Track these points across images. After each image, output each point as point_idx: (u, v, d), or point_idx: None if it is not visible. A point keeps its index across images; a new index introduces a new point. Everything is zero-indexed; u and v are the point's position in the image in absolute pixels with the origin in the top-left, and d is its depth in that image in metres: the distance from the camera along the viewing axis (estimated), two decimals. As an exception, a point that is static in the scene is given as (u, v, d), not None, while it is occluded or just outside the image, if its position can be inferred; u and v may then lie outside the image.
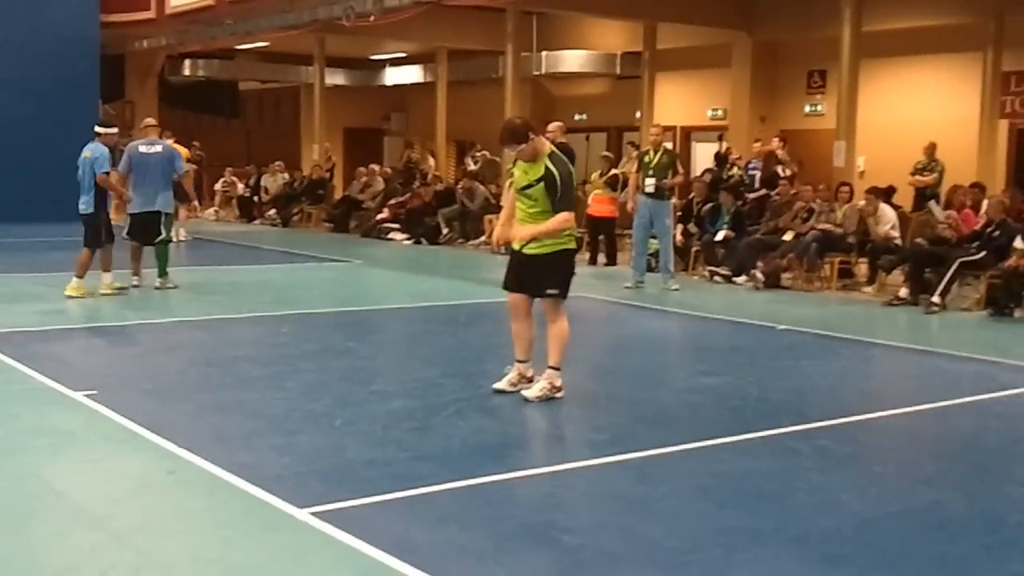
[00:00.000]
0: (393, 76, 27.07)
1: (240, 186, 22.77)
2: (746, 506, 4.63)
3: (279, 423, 5.82)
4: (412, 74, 26.26)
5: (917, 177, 14.44)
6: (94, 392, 6.32)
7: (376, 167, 20.97)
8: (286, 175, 22.03)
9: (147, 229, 10.89)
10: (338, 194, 21.53)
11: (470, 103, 24.13)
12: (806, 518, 4.52)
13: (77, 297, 10.15)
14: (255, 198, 22.01)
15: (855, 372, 8.15)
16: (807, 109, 19.22)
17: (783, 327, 9.54)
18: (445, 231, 17.46)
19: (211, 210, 22.74)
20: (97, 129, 10.49)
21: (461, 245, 17.14)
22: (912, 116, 17.21)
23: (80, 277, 10.25)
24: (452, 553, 4.02)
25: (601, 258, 14.49)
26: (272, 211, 21.24)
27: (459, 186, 18.28)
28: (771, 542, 4.22)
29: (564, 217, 6.25)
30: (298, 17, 18.48)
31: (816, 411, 6.42)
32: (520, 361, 6.57)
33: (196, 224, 19.31)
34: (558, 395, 6.37)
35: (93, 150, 10.22)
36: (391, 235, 17.98)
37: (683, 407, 6.64)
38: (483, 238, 16.70)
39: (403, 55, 25.87)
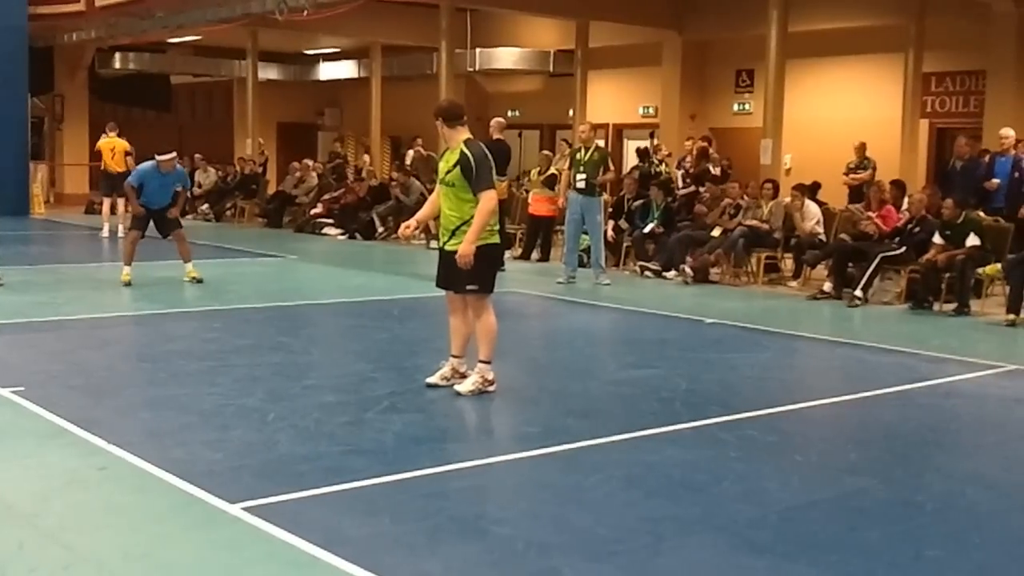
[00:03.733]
0: (327, 71, 26.88)
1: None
2: (673, 495, 4.74)
3: (211, 418, 5.80)
4: (346, 69, 26.09)
5: (852, 176, 14.78)
6: (21, 388, 6.22)
7: (310, 162, 20.84)
8: (211, 170, 21.77)
9: None
10: (271, 189, 21.34)
11: (404, 99, 24.07)
12: (731, 507, 4.63)
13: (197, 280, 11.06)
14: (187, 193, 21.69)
15: (780, 364, 8.35)
16: (735, 108, 19.54)
17: (711, 320, 9.74)
18: (380, 229, 17.43)
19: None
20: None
21: (396, 240, 17.11)
22: (837, 115, 17.61)
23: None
24: (384, 545, 4.06)
25: (535, 254, 14.60)
26: (204, 206, 20.97)
27: (393, 181, 18.25)
28: (697, 530, 4.33)
29: (487, 197, 6.26)
30: (230, 11, 18.24)
31: (742, 402, 6.56)
32: (454, 356, 6.61)
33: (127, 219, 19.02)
34: (490, 388, 6.43)
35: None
36: (325, 230, 17.91)
37: (613, 399, 6.75)
38: (418, 232, 16.67)
39: (337, 50, 25.70)
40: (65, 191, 24.16)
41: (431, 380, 6.58)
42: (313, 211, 18.52)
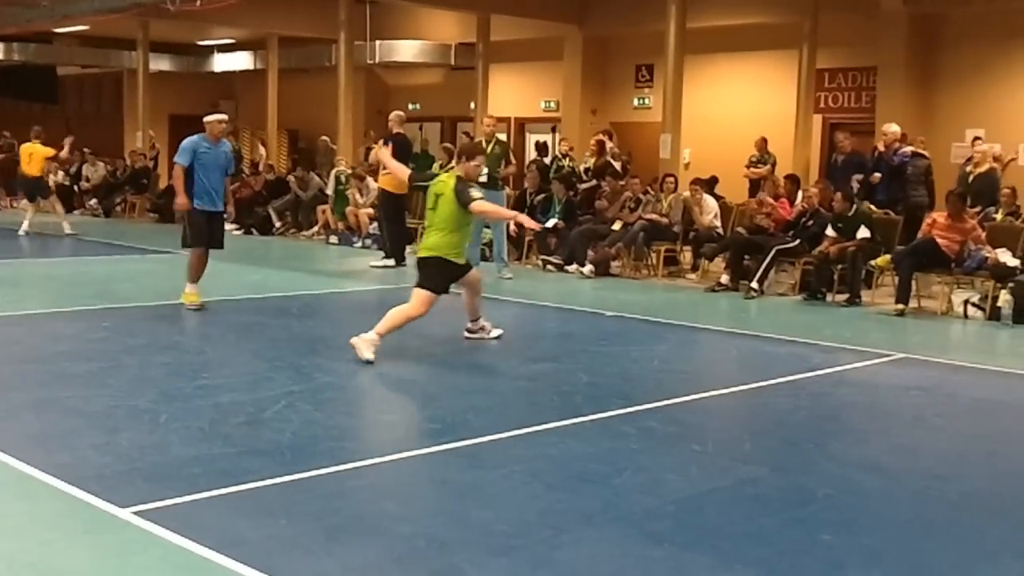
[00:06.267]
0: (222, 62, 26.31)
1: (60, 174, 21.72)
2: (574, 488, 4.76)
3: (100, 421, 5.61)
4: (242, 61, 25.59)
5: (752, 170, 15.11)
6: None
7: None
8: (100, 164, 21.15)
9: None
10: (163, 183, 20.77)
11: (303, 91, 23.73)
12: (631, 498, 4.66)
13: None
14: (75, 187, 21.05)
15: (679, 355, 8.47)
16: (635, 102, 19.74)
17: (611, 313, 9.82)
18: (278, 224, 17.15)
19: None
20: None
21: (294, 236, 16.87)
22: (734, 110, 17.94)
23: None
24: (281, 547, 3.97)
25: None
26: (93, 201, 20.36)
27: (291, 175, 17.98)
28: (597, 522, 4.34)
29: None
30: (120, 0, 17.71)
31: (642, 394, 6.63)
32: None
33: (11, 215, 18.37)
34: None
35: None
36: (220, 225, 17.52)
37: (515, 393, 6.75)
38: (316, 228, 16.52)
39: (232, 41, 25.19)
40: (-55, 188, 23.17)
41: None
42: (208, 206, 18.09)
